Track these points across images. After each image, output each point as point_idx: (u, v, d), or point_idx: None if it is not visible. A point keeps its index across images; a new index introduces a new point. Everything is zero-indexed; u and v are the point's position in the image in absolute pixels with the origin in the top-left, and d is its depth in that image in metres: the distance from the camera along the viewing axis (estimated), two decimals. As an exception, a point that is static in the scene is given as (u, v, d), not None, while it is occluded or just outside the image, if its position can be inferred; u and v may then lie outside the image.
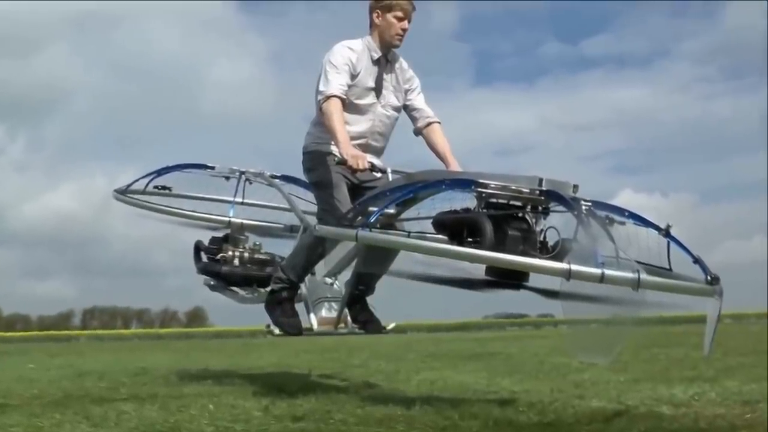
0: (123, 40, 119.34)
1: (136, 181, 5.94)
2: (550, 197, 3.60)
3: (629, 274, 3.22)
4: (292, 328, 4.82)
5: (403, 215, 4.29)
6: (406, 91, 4.82)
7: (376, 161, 4.64)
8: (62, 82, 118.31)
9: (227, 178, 5.86)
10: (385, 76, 4.73)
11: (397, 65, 4.79)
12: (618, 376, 5.66)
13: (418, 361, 8.62)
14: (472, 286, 3.78)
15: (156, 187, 5.89)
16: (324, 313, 5.02)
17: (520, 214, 3.68)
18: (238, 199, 5.81)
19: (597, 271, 3.18)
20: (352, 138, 4.51)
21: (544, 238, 3.66)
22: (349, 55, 4.62)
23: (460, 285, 3.81)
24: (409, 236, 4.17)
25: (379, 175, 4.60)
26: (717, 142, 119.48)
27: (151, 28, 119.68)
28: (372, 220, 3.88)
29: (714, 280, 3.51)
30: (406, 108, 4.85)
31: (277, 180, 5.71)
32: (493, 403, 4.30)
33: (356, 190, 4.64)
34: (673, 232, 3.62)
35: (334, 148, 4.52)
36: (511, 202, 3.70)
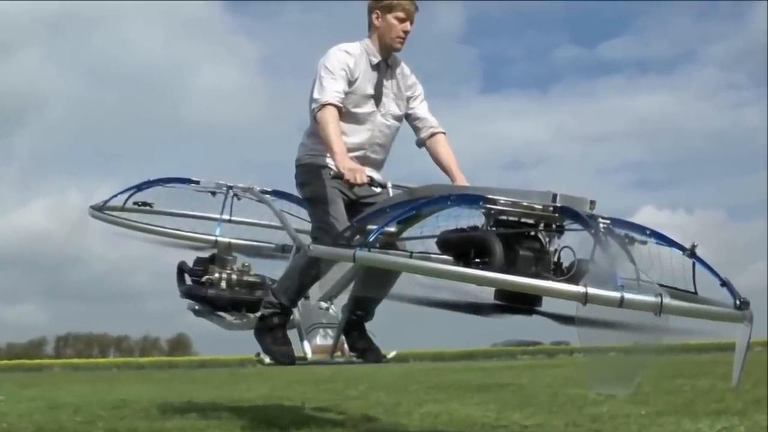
0: (100, 44, 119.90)
1: (115, 196, 5.94)
2: (564, 214, 3.59)
3: (651, 298, 3.21)
4: (284, 356, 4.81)
5: (405, 234, 4.27)
6: (408, 99, 4.83)
7: (376, 175, 4.63)
8: (34, 89, 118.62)
9: (213, 193, 5.86)
10: (385, 82, 4.74)
11: (398, 70, 4.80)
12: (639, 409, 5.65)
13: (421, 393, 8.60)
14: (479, 311, 3.77)
15: (136, 203, 5.89)
16: (319, 340, 5.01)
17: (532, 233, 3.68)
18: (226, 217, 5.80)
19: (616, 294, 3.17)
20: (350, 150, 4.51)
21: (559, 258, 3.65)
22: (346, 59, 4.63)
23: (467, 310, 3.80)
24: (411, 257, 4.16)
25: (378, 190, 4.60)
26: (746, 155, 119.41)
27: (131, 30, 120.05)
28: (371, 240, 3.86)
29: (743, 305, 3.50)
30: (408, 117, 4.85)
31: (267, 195, 5.71)
32: (503, 438, 4.28)
33: (354, 206, 4.64)
34: (698, 252, 3.62)
35: (329, 161, 4.52)
36: (523, 220, 3.69)
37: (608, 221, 3.47)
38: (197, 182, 5.87)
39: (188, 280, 5.68)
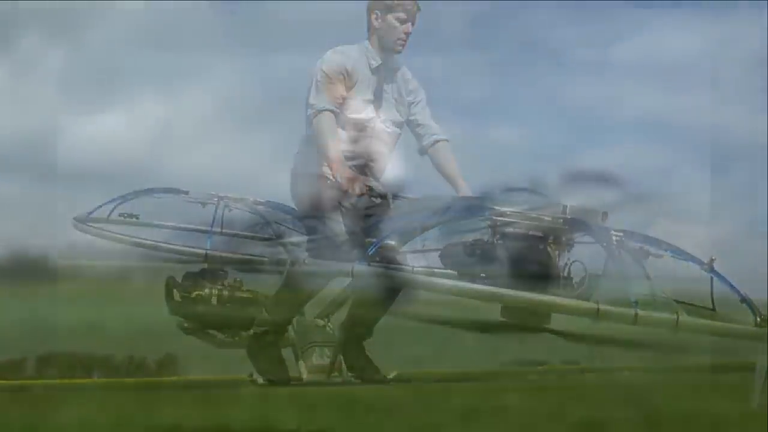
0: (80, 46, 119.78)
1: (99, 207, 5.92)
2: (575, 226, 3.60)
3: (667, 315, 3.21)
4: (278, 377, 4.80)
5: (406, 247, 4.27)
6: (410, 105, 4.82)
7: (375, 185, 4.63)
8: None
9: (204, 204, 5.84)
10: (385, 87, 4.74)
11: (398, 74, 4.79)
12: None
13: (423, 416, 8.56)
14: (485, 328, 3.76)
15: (121, 214, 5.87)
16: (315, 359, 5.00)
17: (541, 246, 3.67)
18: (217, 229, 5.79)
19: (630, 311, 3.17)
20: (348, 158, 4.51)
21: (569, 273, 3.65)
22: (344, 62, 4.62)
23: (472, 327, 3.80)
24: (413, 271, 4.15)
25: (378, 201, 4.60)
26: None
27: (108, 31, 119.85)
28: (370, 253, 3.86)
29: (764, 322, 3.50)
30: (410, 124, 4.85)
31: (261, 207, 5.71)
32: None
33: (352, 218, 4.64)
34: (717, 266, 3.62)
35: (326, 170, 4.52)
36: (531, 232, 3.69)
37: (621, 233, 3.47)
38: (186, 192, 5.86)
39: (177, 296, 5.66)
